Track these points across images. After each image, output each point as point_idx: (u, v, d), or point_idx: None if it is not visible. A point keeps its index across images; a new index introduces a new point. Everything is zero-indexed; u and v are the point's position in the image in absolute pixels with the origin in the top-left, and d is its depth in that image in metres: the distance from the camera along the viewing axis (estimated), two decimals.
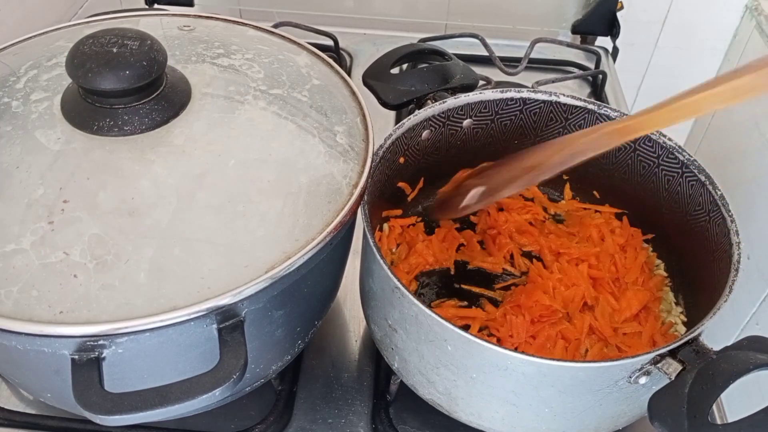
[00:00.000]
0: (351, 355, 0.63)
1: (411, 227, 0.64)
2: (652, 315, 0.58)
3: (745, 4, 1.10)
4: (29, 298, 0.39)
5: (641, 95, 1.25)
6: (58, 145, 0.46)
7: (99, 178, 0.44)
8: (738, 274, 0.47)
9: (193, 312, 0.40)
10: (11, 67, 0.52)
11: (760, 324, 0.61)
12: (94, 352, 0.39)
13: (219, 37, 0.57)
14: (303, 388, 0.59)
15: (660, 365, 0.43)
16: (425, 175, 0.64)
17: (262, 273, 0.42)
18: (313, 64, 0.57)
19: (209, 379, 0.38)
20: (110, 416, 0.37)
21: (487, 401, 0.48)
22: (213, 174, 0.46)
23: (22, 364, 0.45)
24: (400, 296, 0.46)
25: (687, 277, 0.59)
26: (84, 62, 0.45)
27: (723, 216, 0.52)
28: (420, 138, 0.59)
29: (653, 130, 0.53)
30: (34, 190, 0.43)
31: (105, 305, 0.39)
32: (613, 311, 0.57)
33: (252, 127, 0.49)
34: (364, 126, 0.53)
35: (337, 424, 0.57)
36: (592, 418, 0.48)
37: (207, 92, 0.51)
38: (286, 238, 0.44)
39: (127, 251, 0.41)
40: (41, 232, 0.42)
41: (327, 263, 0.49)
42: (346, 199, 0.47)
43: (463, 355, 0.45)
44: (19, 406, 0.57)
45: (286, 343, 0.51)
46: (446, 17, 1.08)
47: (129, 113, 0.46)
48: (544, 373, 0.44)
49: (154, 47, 0.46)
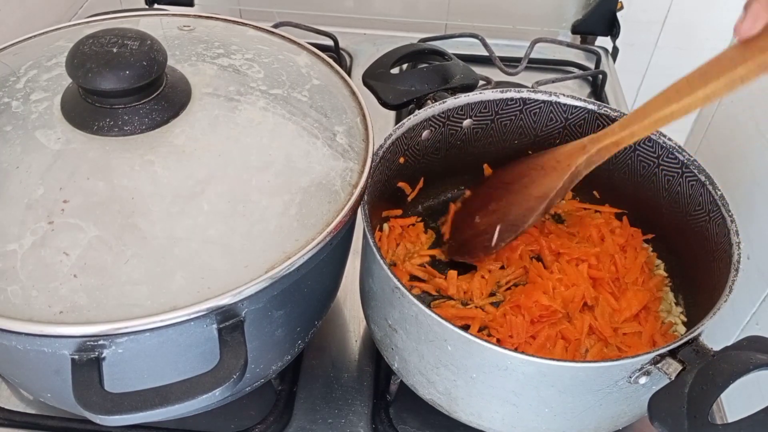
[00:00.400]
0: (351, 355, 0.63)
1: (411, 227, 0.65)
2: (652, 315, 0.58)
3: (744, 4, 1.09)
4: (29, 298, 0.39)
5: (641, 95, 1.25)
6: (58, 145, 0.46)
7: (99, 178, 0.44)
8: (738, 274, 0.47)
9: (193, 312, 0.40)
10: (11, 67, 0.52)
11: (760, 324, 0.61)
12: (94, 352, 0.39)
13: (219, 37, 0.57)
14: (303, 388, 0.59)
15: (660, 365, 0.43)
16: (425, 175, 0.64)
17: (262, 273, 0.42)
18: (313, 64, 0.57)
19: (209, 379, 0.38)
20: (110, 416, 0.37)
21: (487, 401, 0.48)
22: (213, 174, 0.46)
23: (22, 364, 0.45)
24: (400, 296, 0.46)
25: (687, 277, 0.59)
26: (84, 62, 0.45)
27: (723, 216, 0.52)
28: (420, 138, 0.59)
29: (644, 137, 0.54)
30: (34, 190, 0.43)
31: (105, 305, 0.39)
32: (613, 311, 0.57)
33: (252, 127, 0.49)
34: (364, 126, 0.53)
35: (337, 424, 0.57)
36: (592, 418, 0.48)
37: (207, 92, 0.51)
38: (286, 238, 0.44)
39: (126, 251, 0.41)
40: (41, 232, 0.42)
41: (327, 263, 0.49)
42: (346, 199, 0.47)
43: (463, 355, 0.45)
44: (19, 406, 0.57)
45: (286, 343, 0.51)
46: (446, 17, 1.08)
47: (129, 113, 0.46)
48: (544, 373, 0.44)
49: (154, 47, 0.46)
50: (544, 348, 0.54)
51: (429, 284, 0.61)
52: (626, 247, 0.63)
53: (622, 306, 0.57)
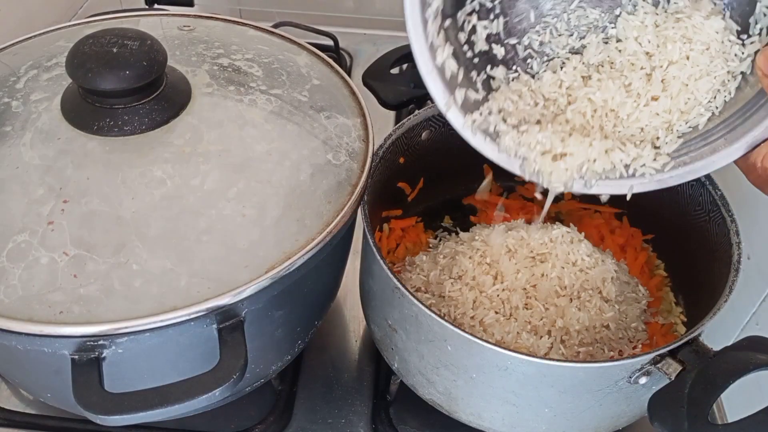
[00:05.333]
0: (351, 355, 0.63)
1: (411, 227, 0.65)
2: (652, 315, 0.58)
3: None
4: (29, 298, 0.39)
5: None
6: (58, 145, 0.46)
7: (99, 178, 0.44)
8: (738, 274, 0.47)
9: (193, 312, 0.40)
10: (11, 67, 0.52)
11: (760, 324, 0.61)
12: (94, 352, 0.39)
13: (219, 37, 0.57)
14: (303, 388, 0.59)
15: (660, 365, 0.43)
16: (425, 175, 0.64)
17: (262, 273, 0.42)
18: (313, 64, 0.57)
19: (209, 379, 0.38)
20: (110, 416, 0.37)
21: (487, 401, 0.48)
22: (213, 174, 0.46)
23: (22, 364, 0.45)
24: (400, 296, 0.46)
25: (687, 277, 0.59)
26: (84, 62, 0.45)
27: (723, 216, 0.52)
28: (420, 138, 0.59)
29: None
30: (34, 190, 0.44)
31: (105, 305, 0.39)
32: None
33: (252, 127, 0.49)
34: (364, 126, 0.53)
35: (337, 424, 0.57)
36: (592, 418, 0.48)
37: (207, 92, 0.51)
38: (286, 238, 0.44)
39: (126, 251, 0.41)
40: (41, 232, 0.42)
41: (327, 263, 0.49)
42: (346, 199, 0.47)
43: (463, 355, 0.45)
44: (19, 406, 0.57)
45: (286, 343, 0.51)
46: None
47: (129, 113, 0.46)
48: (543, 373, 0.44)
49: (154, 47, 0.46)
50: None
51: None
52: (626, 247, 0.63)
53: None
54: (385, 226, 0.63)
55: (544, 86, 0.48)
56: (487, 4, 0.48)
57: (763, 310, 0.61)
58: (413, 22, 0.43)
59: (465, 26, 0.47)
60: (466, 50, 0.47)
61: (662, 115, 0.44)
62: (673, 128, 0.44)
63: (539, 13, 0.49)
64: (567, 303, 0.52)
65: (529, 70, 0.49)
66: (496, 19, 0.48)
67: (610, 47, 0.47)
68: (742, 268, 0.48)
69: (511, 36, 0.49)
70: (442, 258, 0.57)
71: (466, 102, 0.46)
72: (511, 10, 0.49)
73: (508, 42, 0.49)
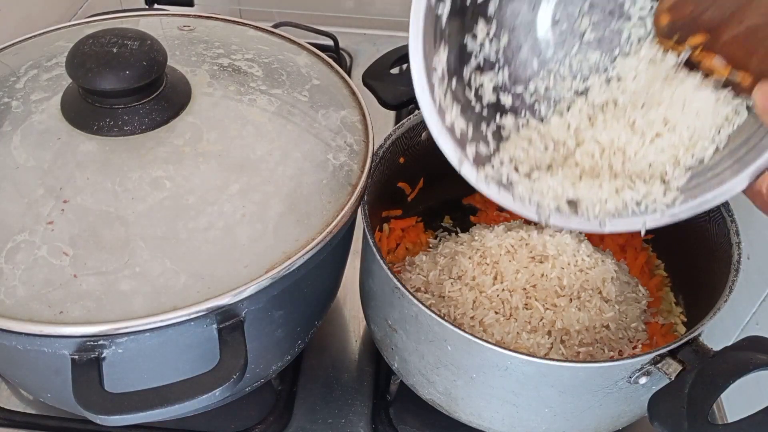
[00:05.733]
0: (351, 355, 0.63)
1: (411, 227, 0.64)
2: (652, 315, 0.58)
3: None
4: (29, 298, 0.39)
5: None
6: (58, 145, 0.46)
7: (99, 178, 0.44)
8: (738, 274, 0.47)
9: (193, 312, 0.40)
10: (11, 67, 0.52)
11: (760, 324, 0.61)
12: (94, 352, 0.39)
13: (219, 37, 0.57)
14: (303, 388, 0.59)
15: (660, 365, 0.43)
16: (425, 175, 0.64)
17: (262, 273, 0.42)
18: (313, 64, 0.57)
19: (209, 379, 0.38)
20: (110, 416, 0.37)
21: (487, 401, 0.48)
22: (213, 174, 0.46)
23: (22, 364, 0.45)
24: (400, 296, 0.46)
25: (687, 277, 0.59)
26: (84, 62, 0.45)
27: (723, 216, 0.52)
28: (420, 138, 0.59)
29: None
30: (34, 190, 0.44)
31: (105, 305, 0.39)
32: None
33: (252, 127, 0.49)
34: (364, 126, 0.53)
35: (337, 424, 0.57)
36: (592, 418, 0.48)
37: (207, 92, 0.51)
38: (286, 238, 0.44)
39: (126, 251, 0.41)
40: (41, 232, 0.42)
41: (327, 263, 0.49)
42: (346, 199, 0.47)
43: (463, 355, 0.45)
44: (19, 406, 0.57)
45: (286, 343, 0.51)
46: None
47: (129, 113, 0.46)
48: (544, 373, 0.44)
49: (154, 47, 0.46)
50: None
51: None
52: (626, 247, 0.63)
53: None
54: (385, 226, 0.63)
55: (553, 130, 0.49)
56: (491, 57, 0.49)
57: (763, 310, 0.61)
58: (421, 88, 0.45)
59: (472, 83, 0.48)
60: (474, 104, 0.48)
61: (668, 151, 0.45)
62: (680, 162, 0.45)
63: (542, 60, 0.50)
64: (567, 303, 0.52)
65: (537, 115, 0.50)
66: (501, 70, 0.49)
67: (613, 87, 0.48)
68: (742, 268, 0.48)
69: (517, 84, 0.50)
70: (442, 258, 0.57)
71: (478, 156, 0.47)
72: (514, 60, 0.50)
73: (515, 90, 0.50)
